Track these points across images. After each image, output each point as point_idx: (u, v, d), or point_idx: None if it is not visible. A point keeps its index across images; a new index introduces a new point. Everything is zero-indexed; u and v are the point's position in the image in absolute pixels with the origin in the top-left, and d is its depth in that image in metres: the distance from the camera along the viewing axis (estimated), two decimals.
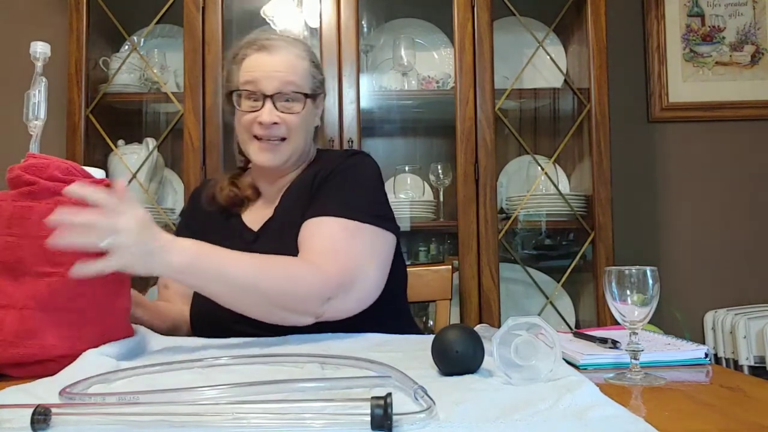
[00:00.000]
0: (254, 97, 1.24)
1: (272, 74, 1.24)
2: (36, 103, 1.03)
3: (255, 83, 1.24)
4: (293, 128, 1.26)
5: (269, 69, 1.24)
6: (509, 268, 2.14)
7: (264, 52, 1.26)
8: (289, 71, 1.25)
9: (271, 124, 1.23)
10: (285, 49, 1.27)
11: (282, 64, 1.25)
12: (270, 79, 1.24)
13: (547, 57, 2.17)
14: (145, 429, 0.60)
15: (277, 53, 1.26)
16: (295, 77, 1.25)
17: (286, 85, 1.24)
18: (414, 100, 2.25)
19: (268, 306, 1.07)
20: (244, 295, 1.05)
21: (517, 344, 0.77)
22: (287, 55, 1.27)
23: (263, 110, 1.23)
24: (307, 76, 1.28)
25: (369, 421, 0.57)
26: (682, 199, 2.41)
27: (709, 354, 0.94)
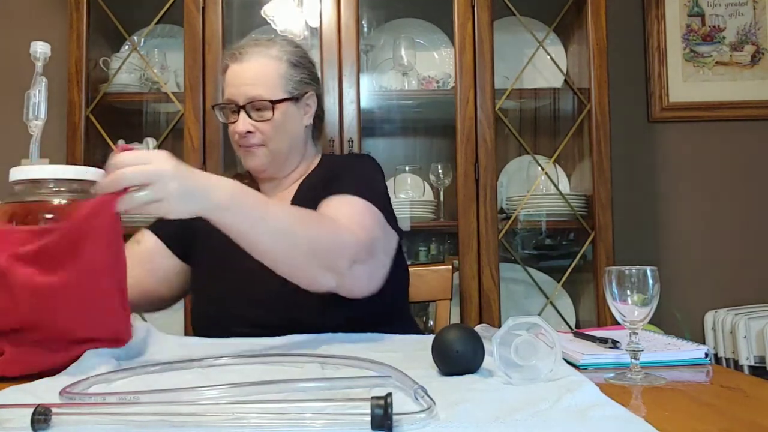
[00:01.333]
0: (231, 109, 1.31)
1: (241, 87, 1.30)
2: (36, 103, 1.03)
3: (230, 98, 1.31)
4: (268, 134, 1.30)
5: (239, 81, 1.31)
6: (509, 268, 2.14)
7: (237, 63, 1.31)
8: (256, 81, 1.29)
9: (245, 133, 1.29)
10: (256, 56, 1.31)
11: (250, 73, 1.30)
12: (240, 91, 1.30)
13: (547, 57, 2.16)
14: (145, 429, 0.60)
15: (247, 62, 1.31)
16: (262, 86, 1.29)
17: (253, 95, 1.29)
18: (414, 100, 2.25)
19: (302, 255, 1.06)
20: (281, 239, 1.04)
21: (517, 344, 0.77)
22: (257, 62, 1.31)
23: (238, 121, 1.30)
24: (278, 80, 1.30)
25: (369, 421, 0.57)
26: (682, 199, 2.41)
27: (709, 354, 0.94)
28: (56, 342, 0.87)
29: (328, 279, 1.09)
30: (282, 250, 1.05)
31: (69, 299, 0.86)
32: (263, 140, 1.30)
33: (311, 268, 1.08)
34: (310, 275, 1.09)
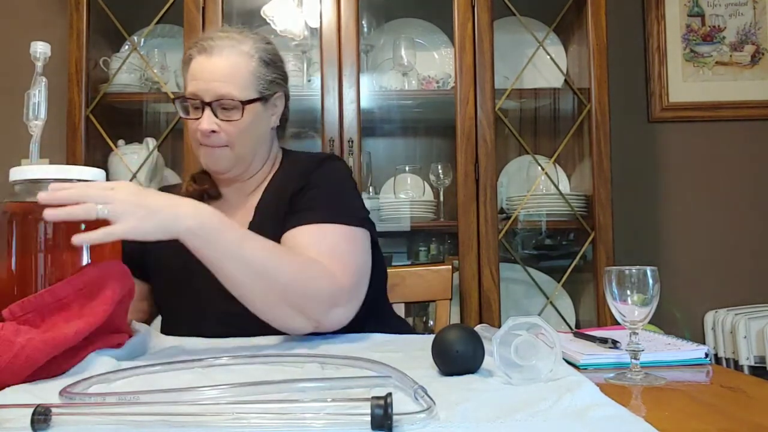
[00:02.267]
0: (196, 105, 1.21)
1: (209, 83, 1.19)
2: (36, 103, 1.02)
3: (195, 92, 1.20)
4: (234, 136, 1.21)
5: (207, 76, 1.20)
6: (509, 268, 2.14)
7: (204, 55, 1.21)
8: (226, 78, 1.20)
9: (209, 132, 1.20)
10: (226, 51, 1.21)
11: (220, 69, 1.20)
12: (207, 87, 1.19)
13: (547, 57, 2.16)
14: (145, 429, 0.60)
15: (217, 56, 1.20)
16: (233, 84, 1.20)
17: (222, 94, 1.19)
18: (414, 100, 2.25)
19: (275, 298, 1.02)
20: (255, 278, 1.01)
21: (517, 344, 0.77)
22: (228, 57, 1.21)
23: (202, 119, 1.20)
24: (249, 79, 1.21)
25: (369, 421, 0.57)
26: (682, 199, 2.41)
27: (709, 354, 0.94)
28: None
29: (303, 324, 1.06)
30: (254, 289, 1.02)
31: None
32: (228, 141, 1.21)
33: (284, 310, 1.04)
34: (283, 319, 1.05)
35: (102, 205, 0.90)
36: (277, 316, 1.05)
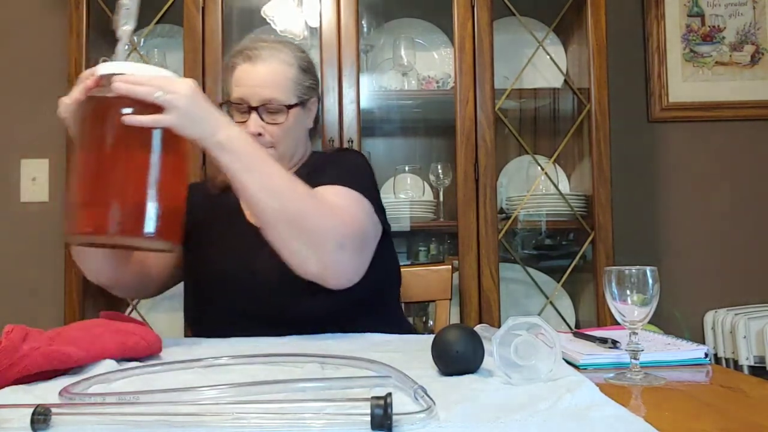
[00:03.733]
0: (242, 109, 1.31)
1: (255, 88, 1.30)
2: (128, 10, 1.07)
3: (241, 97, 1.30)
4: (278, 138, 1.31)
5: (253, 82, 1.30)
6: (509, 268, 2.14)
7: (249, 63, 1.31)
8: (271, 84, 1.30)
9: (256, 135, 1.28)
10: (270, 59, 1.31)
11: (265, 76, 1.30)
12: (254, 92, 1.30)
13: (547, 57, 2.16)
14: (145, 429, 0.60)
15: (262, 64, 1.31)
16: (277, 90, 1.30)
17: (268, 99, 1.29)
18: (414, 100, 2.25)
19: (287, 223, 1.09)
20: (272, 197, 1.09)
21: (517, 344, 0.77)
22: (271, 65, 1.31)
23: (249, 122, 1.29)
24: (291, 85, 1.32)
25: (369, 421, 0.57)
26: (682, 199, 2.41)
27: (709, 354, 0.95)
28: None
29: (313, 262, 1.11)
30: (270, 210, 1.09)
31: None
32: (272, 142, 1.31)
33: (295, 240, 1.10)
34: (292, 248, 1.11)
35: (161, 92, 1.00)
36: (287, 242, 1.11)
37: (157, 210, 1.00)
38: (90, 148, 1.01)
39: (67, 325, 0.99)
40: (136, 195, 1.00)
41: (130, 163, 1.01)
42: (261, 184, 1.08)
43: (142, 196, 1.00)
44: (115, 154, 1.00)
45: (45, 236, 2.27)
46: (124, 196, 1.00)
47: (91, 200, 1.01)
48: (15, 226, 2.32)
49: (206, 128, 1.05)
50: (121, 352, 0.91)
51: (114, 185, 1.00)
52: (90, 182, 1.01)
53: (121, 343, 0.92)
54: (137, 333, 0.97)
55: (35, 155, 2.33)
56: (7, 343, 0.78)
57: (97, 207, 1.00)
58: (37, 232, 2.29)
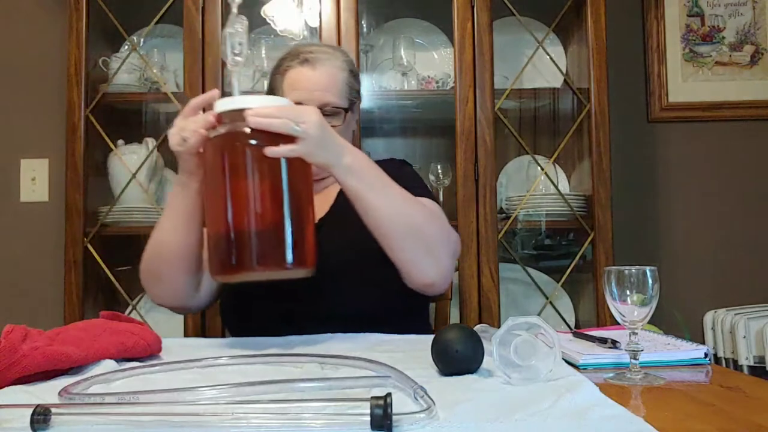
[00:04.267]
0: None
1: (314, 92, 1.31)
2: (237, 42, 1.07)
3: (300, 100, 1.28)
4: None
5: (311, 86, 1.32)
6: (509, 268, 2.14)
7: (307, 66, 1.33)
8: (329, 88, 1.32)
9: None
10: (326, 63, 1.34)
11: (323, 80, 1.33)
12: (312, 96, 1.31)
13: (546, 57, 2.16)
14: (145, 429, 0.60)
15: (320, 67, 1.33)
16: (335, 93, 1.33)
17: (326, 102, 1.31)
18: (414, 100, 2.25)
19: (412, 236, 1.14)
20: (397, 216, 1.13)
21: (516, 344, 0.77)
22: (328, 69, 1.34)
23: None
24: (345, 89, 1.35)
25: (369, 421, 0.57)
26: (682, 199, 2.41)
27: (708, 354, 0.95)
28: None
29: (429, 266, 1.16)
30: (395, 225, 1.13)
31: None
32: None
33: (419, 251, 1.15)
34: (415, 258, 1.15)
35: (295, 124, 1.02)
36: (412, 254, 1.15)
37: (301, 238, 1.03)
38: (226, 183, 1.03)
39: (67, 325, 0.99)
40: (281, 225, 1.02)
41: (271, 195, 1.04)
42: (386, 202, 1.12)
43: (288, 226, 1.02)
44: (254, 187, 1.02)
45: (45, 236, 2.27)
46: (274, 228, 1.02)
47: (239, 236, 1.02)
48: (15, 226, 2.32)
49: (334, 154, 1.08)
50: (121, 352, 0.92)
51: (259, 218, 1.02)
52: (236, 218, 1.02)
53: (121, 343, 0.92)
54: (137, 333, 0.97)
55: (35, 155, 2.33)
56: (6, 343, 0.78)
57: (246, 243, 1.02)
58: (37, 232, 2.29)
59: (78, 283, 1.99)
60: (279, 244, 1.02)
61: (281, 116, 1.02)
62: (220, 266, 1.04)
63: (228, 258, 1.02)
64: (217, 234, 1.05)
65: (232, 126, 1.03)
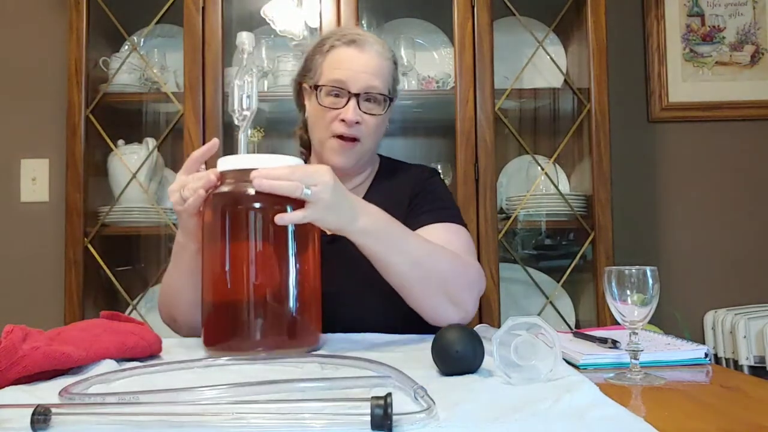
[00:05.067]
0: (338, 93, 1.24)
1: (361, 74, 1.23)
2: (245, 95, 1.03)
3: (342, 80, 1.23)
4: (371, 129, 1.27)
5: (358, 67, 1.24)
6: (509, 268, 2.14)
7: (354, 47, 1.25)
8: (376, 72, 1.25)
9: (353, 123, 1.23)
10: (374, 47, 1.26)
11: (371, 63, 1.25)
12: (358, 78, 1.23)
13: (547, 57, 2.16)
14: (145, 429, 0.60)
15: (367, 51, 1.25)
16: (380, 78, 1.25)
17: (372, 86, 1.24)
18: (414, 100, 2.25)
19: (432, 287, 1.10)
20: (416, 270, 1.08)
21: (517, 344, 0.77)
22: (376, 53, 1.26)
23: (348, 108, 1.23)
24: (389, 78, 1.28)
25: (369, 421, 0.57)
26: (682, 199, 2.41)
27: (709, 354, 0.95)
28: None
29: (452, 313, 1.12)
30: (414, 280, 1.09)
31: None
32: (363, 135, 1.26)
33: (440, 300, 1.11)
34: (437, 306, 1.12)
35: (306, 187, 0.94)
36: (433, 304, 1.11)
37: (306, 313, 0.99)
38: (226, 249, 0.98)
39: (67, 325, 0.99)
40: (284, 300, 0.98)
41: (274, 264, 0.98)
42: (404, 258, 1.07)
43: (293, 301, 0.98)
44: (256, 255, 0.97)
45: (45, 236, 2.27)
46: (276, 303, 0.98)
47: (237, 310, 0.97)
48: (15, 226, 2.32)
49: (348, 218, 1.00)
50: (121, 352, 0.92)
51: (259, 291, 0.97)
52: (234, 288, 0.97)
53: (121, 343, 0.92)
54: (137, 333, 0.97)
55: (35, 155, 2.33)
56: (7, 343, 0.78)
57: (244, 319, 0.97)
58: (37, 232, 2.30)
59: (78, 283, 1.99)
60: (281, 321, 0.97)
61: (290, 178, 0.94)
62: (213, 338, 0.99)
63: (223, 332, 0.98)
64: (212, 303, 1.00)
65: (235, 186, 0.99)
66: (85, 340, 0.89)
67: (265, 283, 0.97)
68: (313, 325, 1.02)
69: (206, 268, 1.02)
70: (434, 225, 1.23)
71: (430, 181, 1.37)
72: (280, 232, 0.97)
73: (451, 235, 1.23)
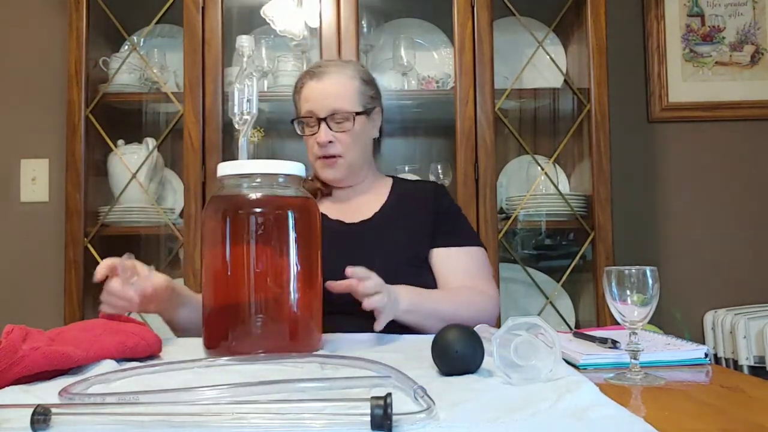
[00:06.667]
0: (312, 122, 1.43)
1: (323, 101, 1.41)
2: (246, 100, 1.03)
3: (311, 111, 1.42)
4: (346, 145, 1.43)
5: (320, 96, 1.42)
6: (509, 268, 2.14)
7: (316, 80, 1.43)
8: (337, 95, 1.42)
9: (326, 143, 1.41)
10: (335, 74, 1.44)
11: (331, 88, 1.42)
12: (321, 105, 1.41)
13: (546, 57, 2.16)
14: (145, 429, 0.60)
15: (327, 79, 1.43)
16: (343, 100, 1.41)
17: (336, 108, 1.40)
18: (414, 100, 2.25)
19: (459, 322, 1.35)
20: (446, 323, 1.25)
21: (516, 344, 0.77)
22: (336, 78, 1.43)
23: (320, 132, 1.41)
24: (355, 95, 1.44)
25: (369, 421, 0.57)
26: (682, 199, 2.40)
27: (708, 354, 0.95)
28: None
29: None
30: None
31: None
32: (342, 151, 1.42)
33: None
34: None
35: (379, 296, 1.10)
36: None
37: (310, 314, 1.02)
38: (227, 253, 1.00)
39: (67, 326, 0.99)
40: (287, 303, 1.01)
41: (279, 267, 1.00)
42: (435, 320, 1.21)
43: (295, 303, 1.01)
44: (257, 257, 0.99)
45: (45, 236, 2.27)
46: (278, 308, 1.01)
47: (239, 316, 1.00)
48: (15, 226, 2.32)
49: (394, 307, 1.16)
50: (121, 353, 0.92)
51: (261, 292, 1.00)
52: (234, 291, 1.00)
53: (121, 343, 0.92)
54: (137, 333, 0.97)
55: (35, 155, 2.33)
56: (7, 344, 0.78)
57: (248, 324, 0.99)
58: (37, 232, 2.29)
59: (78, 283, 1.99)
60: (282, 326, 0.99)
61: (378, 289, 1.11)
62: (215, 342, 1.00)
63: (224, 336, 0.99)
64: (213, 308, 1.01)
65: (236, 190, 1.01)
66: (85, 340, 0.89)
67: (266, 288, 0.98)
68: (315, 330, 1.03)
69: (207, 272, 1.02)
70: (455, 249, 1.43)
71: (446, 200, 1.52)
72: (281, 236, 0.99)
73: (470, 259, 1.43)
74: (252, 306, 0.98)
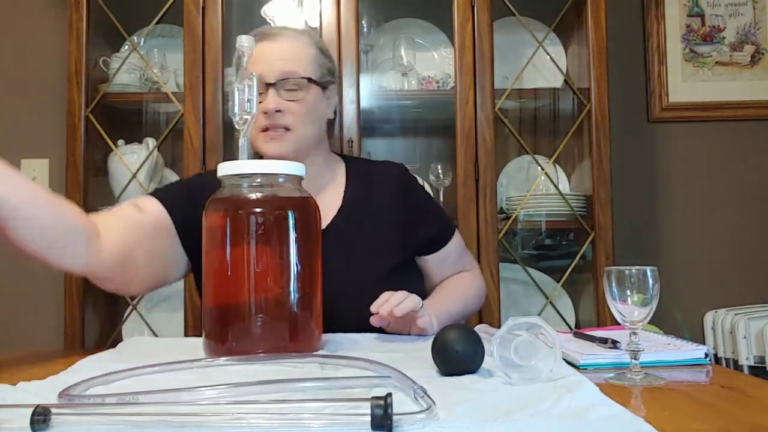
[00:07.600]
0: (259, 89, 1.17)
1: (274, 62, 1.22)
2: (245, 99, 1.02)
3: (259, 73, 1.16)
4: (297, 116, 1.23)
5: (271, 57, 1.22)
6: (509, 268, 2.14)
7: (267, 40, 1.24)
8: (292, 58, 1.23)
9: (274, 112, 1.20)
10: (289, 38, 1.26)
11: (284, 51, 1.24)
12: (271, 67, 1.21)
13: (547, 57, 2.16)
14: (145, 429, 0.60)
15: (280, 41, 1.25)
16: (298, 64, 1.23)
17: (288, 71, 1.22)
18: (414, 100, 2.25)
19: (469, 314, 1.52)
20: (461, 316, 1.40)
21: (517, 344, 0.77)
22: (290, 42, 1.25)
23: (267, 98, 1.20)
24: (312, 63, 1.26)
25: (369, 421, 0.57)
26: (682, 199, 2.41)
27: (709, 354, 0.95)
28: None
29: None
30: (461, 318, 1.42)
31: None
32: (292, 123, 1.22)
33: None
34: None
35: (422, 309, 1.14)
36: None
37: (309, 317, 1.02)
38: (227, 253, 0.99)
39: None
40: (288, 304, 1.01)
41: (279, 267, 1.00)
42: (457, 317, 1.31)
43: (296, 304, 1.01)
44: (258, 257, 0.98)
45: None
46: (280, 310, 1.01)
47: (237, 313, 0.99)
48: None
49: (434, 324, 1.18)
50: None
51: (261, 293, 1.00)
52: (235, 291, 1.00)
53: None
54: None
55: (35, 155, 2.33)
56: None
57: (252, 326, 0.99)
58: None
59: (78, 283, 1.99)
60: (283, 327, 0.99)
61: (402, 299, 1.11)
62: (215, 341, 1.00)
63: (225, 337, 0.98)
64: (214, 308, 1.00)
65: (236, 190, 1.00)
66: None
67: (266, 287, 0.98)
68: (315, 330, 1.02)
69: (207, 272, 1.02)
70: (442, 250, 1.41)
71: (413, 194, 1.40)
72: (281, 236, 0.98)
73: (454, 248, 1.44)
74: (252, 306, 0.98)
